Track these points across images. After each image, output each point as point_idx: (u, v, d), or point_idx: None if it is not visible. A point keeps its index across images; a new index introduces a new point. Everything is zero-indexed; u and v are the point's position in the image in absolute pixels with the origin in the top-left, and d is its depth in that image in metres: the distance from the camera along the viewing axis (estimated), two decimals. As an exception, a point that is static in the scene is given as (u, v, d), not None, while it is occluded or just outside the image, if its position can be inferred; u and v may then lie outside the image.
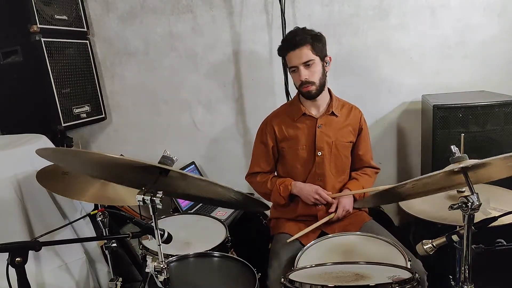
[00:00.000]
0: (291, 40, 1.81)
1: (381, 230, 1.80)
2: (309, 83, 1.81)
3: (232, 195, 1.32)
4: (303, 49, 1.77)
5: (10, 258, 1.11)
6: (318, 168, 1.88)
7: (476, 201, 1.12)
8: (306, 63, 1.78)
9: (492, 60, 2.43)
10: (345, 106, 1.96)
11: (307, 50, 1.78)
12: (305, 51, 1.78)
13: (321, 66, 1.83)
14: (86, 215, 1.98)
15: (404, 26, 2.47)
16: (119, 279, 1.79)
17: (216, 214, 2.36)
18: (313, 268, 1.38)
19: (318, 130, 1.87)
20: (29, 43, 2.30)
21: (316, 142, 1.87)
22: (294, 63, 1.80)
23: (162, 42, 2.76)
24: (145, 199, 1.12)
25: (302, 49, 1.77)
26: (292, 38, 1.80)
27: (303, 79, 1.80)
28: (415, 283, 1.24)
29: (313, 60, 1.79)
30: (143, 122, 2.94)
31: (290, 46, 1.80)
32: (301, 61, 1.78)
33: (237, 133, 2.82)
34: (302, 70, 1.79)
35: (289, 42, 1.81)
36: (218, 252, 1.61)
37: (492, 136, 2.06)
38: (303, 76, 1.79)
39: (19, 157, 1.80)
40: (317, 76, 1.81)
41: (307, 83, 1.81)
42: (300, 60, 1.78)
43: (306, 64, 1.79)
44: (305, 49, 1.77)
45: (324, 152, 1.87)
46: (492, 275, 1.71)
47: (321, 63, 1.82)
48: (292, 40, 1.79)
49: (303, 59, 1.78)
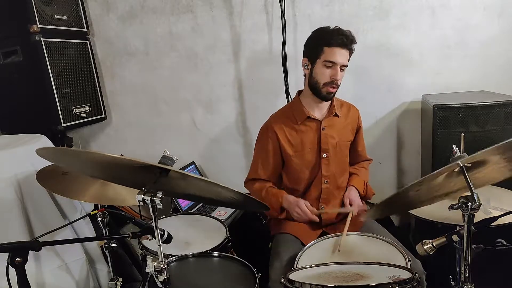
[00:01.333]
0: (346, 38, 1.74)
1: (381, 230, 1.80)
2: (336, 86, 1.80)
3: (232, 195, 1.32)
4: (348, 53, 1.77)
5: (10, 258, 1.11)
6: (324, 170, 1.88)
7: (476, 201, 1.12)
8: (344, 66, 1.78)
9: (492, 60, 2.43)
10: (344, 105, 1.97)
11: (349, 55, 1.78)
12: (348, 55, 1.78)
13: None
14: (86, 215, 1.98)
15: (404, 26, 2.47)
16: (119, 279, 1.79)
17: (216, 214, 2.36)
18: (313, 268, 1.38)
19: (323, 132, 1.86)
20: (29, 43, 2.31)
21: (321, 144, 1.86)
22: (336, 59, 1.74)
23: (162, 42, 2.76)
24: (145, 199, 1.12)
25: (348, 52, 1.77)
26: (348, 37, 1.75)
27: (337, 79, 1.78)
28: (415, 283, 1.24)
29: (347, 66, 1.80)
30: (143, 122, 2.94)
31: (343, 43, 1.74)
32: (344, 62, 1.76)
33: (237, 133, 2.82)
34: (339, 70, 1.77)
35: (342, 39, 1.74)
36: (218, 252, 1.61)
37: (492, 136, 2.05)
38: (338, 77, 1.77)
39: (19, 157, 1.80)
40: (341, 81, 1.82)
41: (335, 84, 1.79)
42: (343, 60, 1.76)
43: (343, 66, 1.78)
44: (349, 53, 1.77)
45: (329, 154, 1.87)
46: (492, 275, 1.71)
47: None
48: (348, 38, 1.74)
49: (345, 61, 1.77)
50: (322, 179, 1.88)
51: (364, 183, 1.96)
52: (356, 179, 1.96)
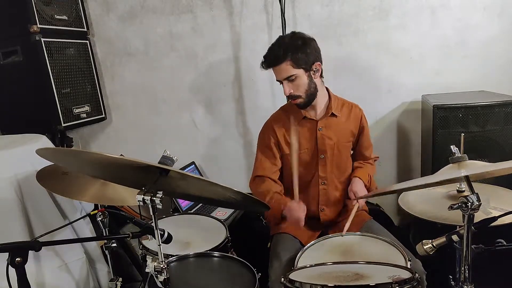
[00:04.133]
0: (269, 56, 1.75)
1: (381, 230, 1.80)
2: (294, 97, 1.78)
3: (232, 195, 1.32)
4: (282, 66, 1.71)
5: (10, 258, 1.11)
6: (322, 171, 1.87)
7: (476, 201, 1.12)
8: (288, 78, 1.73)
9: (492, 60, 2.43)
10: (345, 105, 1.93)
11: (287, 66, 1.71)
12: (285, 67, 1.71)
13: (307, 77, 1.75)
14: (86, 215, 1.98)
15: (404, 26, 2.47)
16: (119, 279, 1.79)
17: (216, 214, 2.36)
18: (313, 268, 1.38)
19: (319, 133, 1.85)
20: (29, 43, 2.30)
21: (318, 145, 1.86)
22: (276, 77, 1.77)
23: (162, 42, 2.76)
24: (145, 199, 1.12)
25: (281, 66, 1.71)
26: (270, 54, 1.74)
27: (287, 94, 1.77)
28: (415, 283, 1.24)
29: (294, 74, 1.72)
30: (143, 122, 2.94)
31: (270, 63, 1.75)
32: (283, 77, 1.74)
33: (237, 133, 2.82)
34: (285, 85, 1.75)
35: (267, 59, 1.76)
36: (218, 252, 1.61)
37: (492, 136, 2.06)
38: (287, 91, 1.75)
39: (19, 157, 1.79)
40: (303, 89, 1.76)
41: (292, 97, 1.78)
42: (281, 76, 1.74)
43: (289, 79, 1.74)
44: (284, 65, 1.71)
45: (327, 155, 1.86)
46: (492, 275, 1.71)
47: (306, 74, 1.75)
48: (270, 57, 1.74)
49: (283, 75, 1.73)
50: (319, 180, 1.88)
51: (368, 175, 1.93)
52: (361, 171, 1.93)
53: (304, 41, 1.74)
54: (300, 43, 1.73)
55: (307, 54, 1.73)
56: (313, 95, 1.81)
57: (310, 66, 1.75)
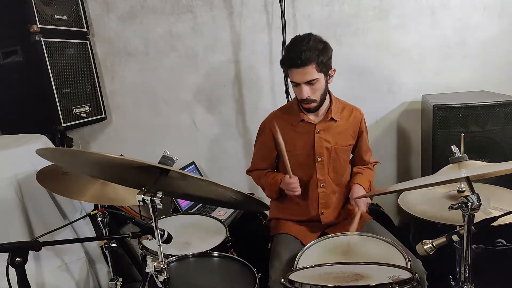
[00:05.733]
0: (296, 58, 1.67)
1: (381, 230, 1.80)
2: (310, 101, 1.76)
3: (232, 195, 1.32)
4: (307, 68, 1.66)
5: (10, 258, 1.10)
6: (320, 174, 1.87)
7: (476, 201, 1.12)
8: (310, 81, 1.70)
9: (492, 60, 2.44)
10: (345, 109, 1.91)
11: (312, 68, 1.67)
12: (310, 70, 1.67)
13: (324, 82, 1.75)
14: (86, 215, 1.98)
15: (404, 26, 2.48)
16: (119, 279, 1.79)
17: (216, 214, 2.36)
18: (313, 268, 1.38)
19: (317, 135, 1.84)
20: (29, 43, 2.30)
21: (315, 148, 1.85)
22: (296, 80, 1.72)
23: (162, 42, 2.76)
24: (145, 199, 1.12)
25: (307, 68, 1.66)
26: (298, 55, 1.66)
27: (305, 97, 1.73)
28: (415, 283, 1.24)
29: (316, 78, 1.69)
30: (143, 122, 2.93)
31: (295, 64, 1.68)
32: (305, 80, 1.69)
33: (237, 133, 2.82)
34: (304, 88, 1.71)
35: (293, 60, 1.68)
36: (218, 252, 1.61)
37: (492, 136, 2.06)
38: (305, 95, 1.72)
39: (19, 157, 1.79)
40: (319, 93, 1.74)
41: (309, 101, 1.75)
42: (303, 79, 1.69)
43: (310, 82, 1.70)
44: (309, 68, 1.67)
45: (324, 158, 1.85)
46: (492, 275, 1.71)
47: (325, 78, 1.74)
48: (298, 58, 1.66)
49: (306, 78, 1.69)
50: (318, 182, 1.87)
51: (368, 181, 1.92)
52: (361, 177, 1.92)
53: (325, 45, 1.73)
54: (323, 47, 1.71)
55: (329, 58, 1.73)
56: (324, 100, 1.81)
57: (328, 70, 1.75)
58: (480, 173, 1.28)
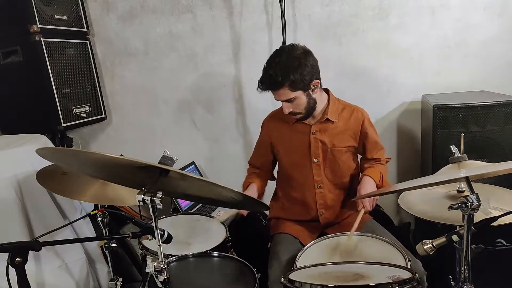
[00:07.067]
0: (266, 82, 1.72)
1: (381, 230, 1.80)
2: (295, 113, 1.77)
3: (232, 195, 1.32)
4: (279, 91, 1.69)
5: (10, 258, 1.11)
6: (316, 175, 1.86)
7: (476, 201, 1.12)
8: (287, 100, 1.72)
9: (492, 60, 2.43)
10: (345, 109, 1.87)
11: (285, 90, 1.68)
12: (283, 92, 1.69)
13: (305, 97, 1.72)
14: (86, 215, 1.98)
15: (404, 26, 2.48)
16: (119, 279, 1.79)
17: (216, 214, 2.36)
18: (313, 268, 1.38)
19: (312, 136, 1.83)
20: (29, 43, 2.30)
21: (311, 148, 1.84)
22: (275, 98, 1.76)
23: (162, 42, 2.76)
24: (145, 199, 1.12)
25: (279, 91, 1.69)
26: (267, 80, 1.71)
27: (287, 113, 1.75)
28: (415, 283, 1.24)
29: (293, 97, 1.70)
30: (143, 122, 2.94)
31: (267, 87, 1.73)
32: (282, 99, 1.73)
33: (237, 133, 2.82)
34: (284, 104, 1.74)
35: (264, 84, 1.73)
36: (218, 252, 1.61)
37: (492, 136, 2.06)
38: (287, 111, 1.74)
39: (19, 157, 1.80)
40: (302, 107, 1.74)
41: (293, 113, 1.77)
42: (280, 98, 1.73)
43: (287, 101, 1.72)
44: (282, 91, 1.69)
45: (320, 159, 1.85)
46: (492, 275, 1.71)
47: (305, 93, 1.71)
48: (267, 82, 1.71)
49: (282, 98, 1.72)
50: (315, 183, 1.87)
51: (380, 173, 1.86)
52: (372, 170, 1.87)
53: (299, 61, 1.67)
54: (297, 65, 1.66)
55: (304, 76, 1.68)
56: (313, 108, 1.79)
57: (308, 85, 1.72)
58: (479, 173, 1.28)
